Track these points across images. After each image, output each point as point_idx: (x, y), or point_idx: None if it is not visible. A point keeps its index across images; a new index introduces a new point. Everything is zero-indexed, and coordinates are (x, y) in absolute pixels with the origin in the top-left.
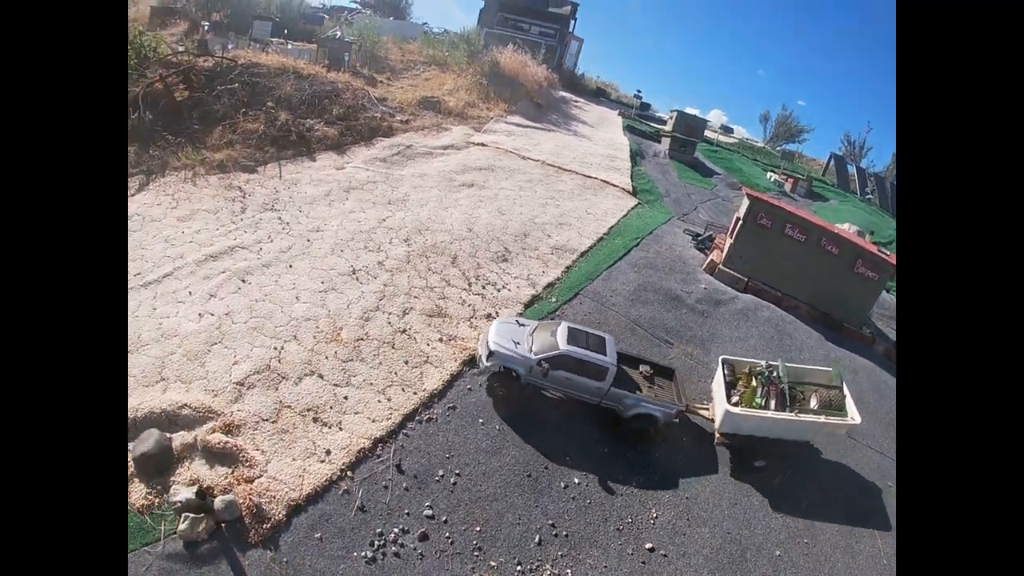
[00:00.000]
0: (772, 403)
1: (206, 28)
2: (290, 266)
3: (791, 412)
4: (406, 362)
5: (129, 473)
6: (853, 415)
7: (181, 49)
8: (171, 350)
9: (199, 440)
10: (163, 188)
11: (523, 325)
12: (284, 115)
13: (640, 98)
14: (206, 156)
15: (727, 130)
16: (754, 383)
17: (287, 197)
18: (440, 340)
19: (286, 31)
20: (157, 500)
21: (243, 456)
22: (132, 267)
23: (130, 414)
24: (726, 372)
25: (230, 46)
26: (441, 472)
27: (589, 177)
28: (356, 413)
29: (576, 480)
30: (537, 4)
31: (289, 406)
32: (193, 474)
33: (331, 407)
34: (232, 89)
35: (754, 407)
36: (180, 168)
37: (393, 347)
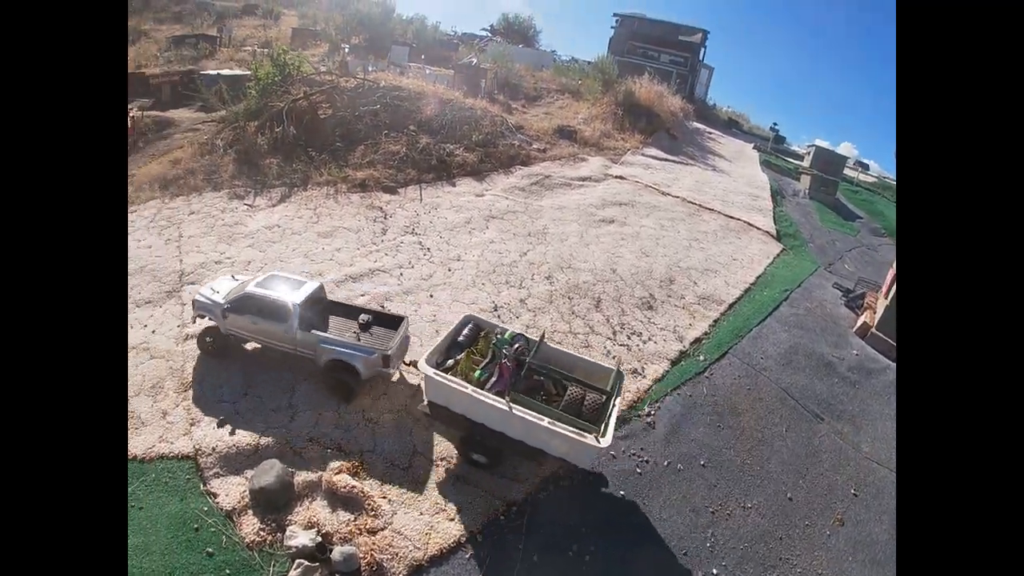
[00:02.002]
0: (493, 381)
1: (346, 50)
2: (431, 296)
3: (503, 400)
4: None
5: (243, 504)
6: (603, 435)
7: (323, 69)
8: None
9: (324, 480)
10: (305, 202)
11: (237, 280)
12: (425, 138)
13: (776, 131)
14: (348, 174)
15: (863, 166)
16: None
17: (428, 222)
18: None
19: (423, 56)
20: (270, 538)
21: (369, 504)
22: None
23: (253, 441)
24: (467, 331)
25: (370, 68)
26: (575, 546)
27: (732, 218)
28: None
29: None
30: (667, 32)
31: (422, 453)
32: (312, 516)
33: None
34: (375, 110)
35: (472, 381)
36: (323, 184)
37: None
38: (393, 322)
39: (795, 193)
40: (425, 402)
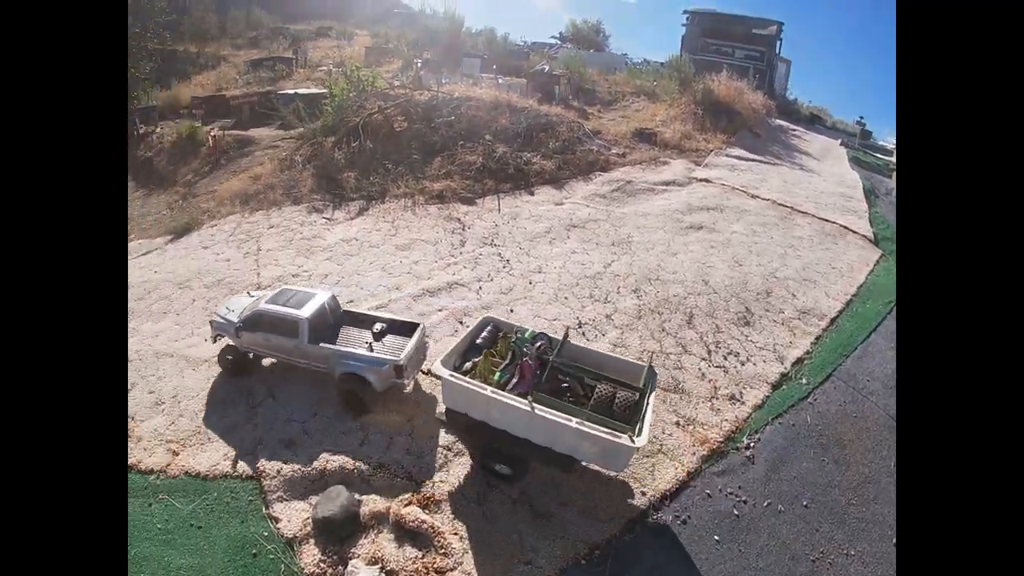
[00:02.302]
0: (514, 382)
1: (419, 65)
2: (511, 311)
3: (525, 401)
4: None
5: (305, 532)
6: (638, 434)
7: (397, 83)
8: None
9: (392, 512)
10: (383, 214)
11: (252, 297)
12: (502, 148)
13: (863, 126)
14: (425, 185)
15: None
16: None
17: (507, 232)
18: (676, 424)
19: (495, 67)
20: (330, 571)
21: (439, 540)
22: (347, 293)
23: (319, 465)
24: (486, 334)
25: (443, 81)
26: None
27: (827, 221)
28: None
29: None
30: (741, 26)
31: (496, 487)
32: (377, 550)
33: (544, 494)
34: (449, 121)
35: (491, 384)
36: (400, 196)
37: None
38: (409, 330)
39: (888, 192)
40: (442, 409)
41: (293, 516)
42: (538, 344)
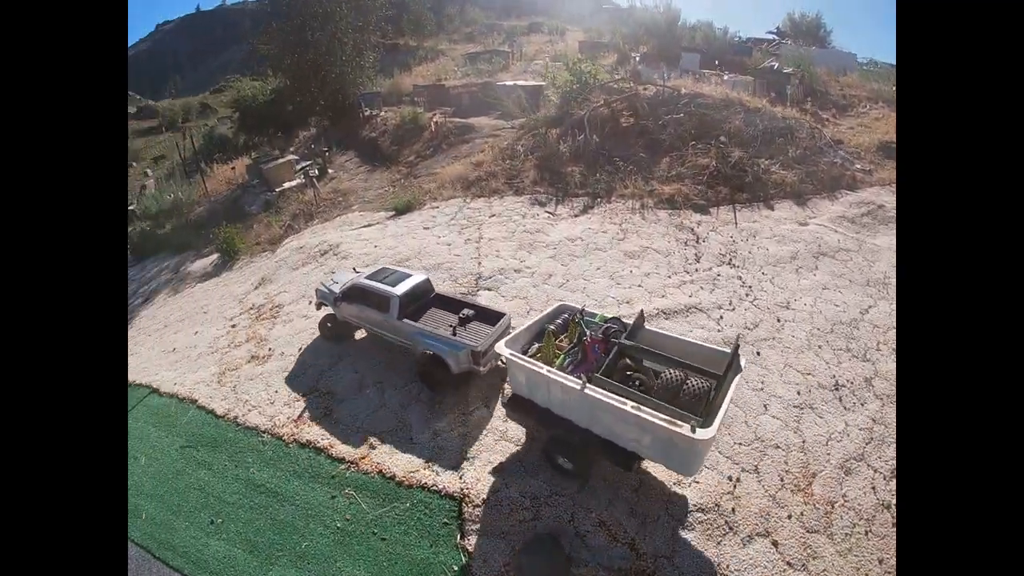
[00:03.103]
0: (575, 365)
1: (636, 59)
2: (758, 353)
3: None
4: (880, 561)
5: None
6: (705, 424)
7: (617, 77)
8: None
9: None
10: (609, 215)
11: (357, 273)
12: (737, 152)
13: None
14: (654, 187)
15: None
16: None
17: (746, 252)
18: None
19: (717, 62)
20: None
21: None
22: (572, 299)
23: (532, 505)
24: (560, 320)
25: (666, 76)
26: None
27: None
28: None
29: None
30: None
31: (737, 572)
32: None
33: None
34: (678, 119)
35: (555, 367)
36: (627, 196)
37: (870, 532)
38: (492, 317)
39: None
40: (507, 395)
41: (490, 556)
42: (608, 327)
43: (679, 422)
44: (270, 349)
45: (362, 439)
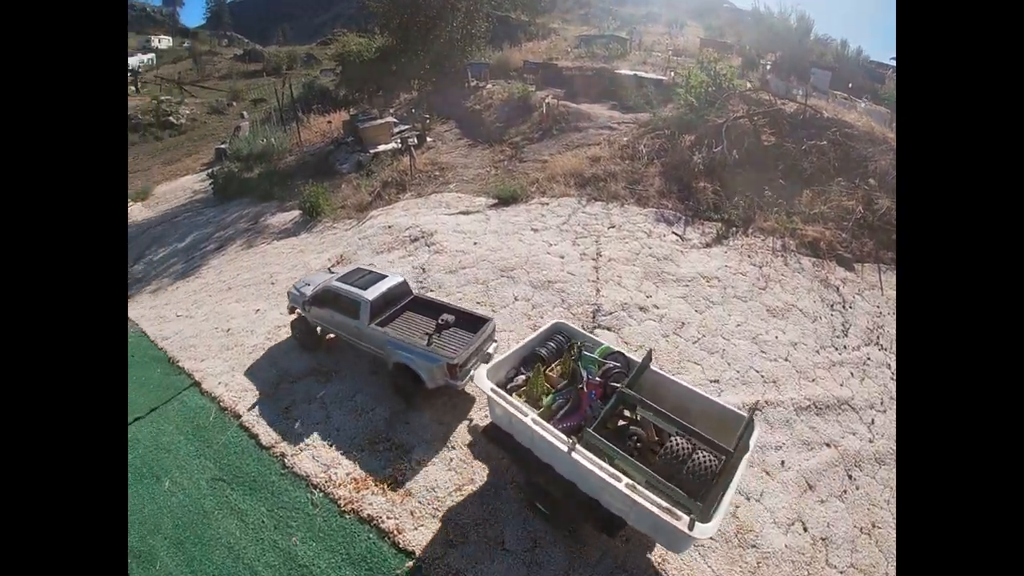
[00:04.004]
0: (564, 410)
1: (767, 67)
2: None
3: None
4: None
5: None
6: (706, 517)
7: (748, 85)
8: None
9: None
10: (747, 251)
11: (333, 272)
12: (885, 200)
13: None
14: (797, 225)
15: None
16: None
17: (893, 330)
18: None
19: (851, 84)
20: None
21: None
22: (710, 362)
23: None
24: (553, 343)
25: (799, 92)
26: None
27: None
28: None
29: None
30: None
31: None
32: None
33: None
34: (821, 146)
35: (542, 407)
36: (767, 231)
37: None
38: (475, 323)
39: None
40: (486, 421)
41: None
42: (608, 366)
43: (678, 512)
44: (337, 363)
45: (440, 529)
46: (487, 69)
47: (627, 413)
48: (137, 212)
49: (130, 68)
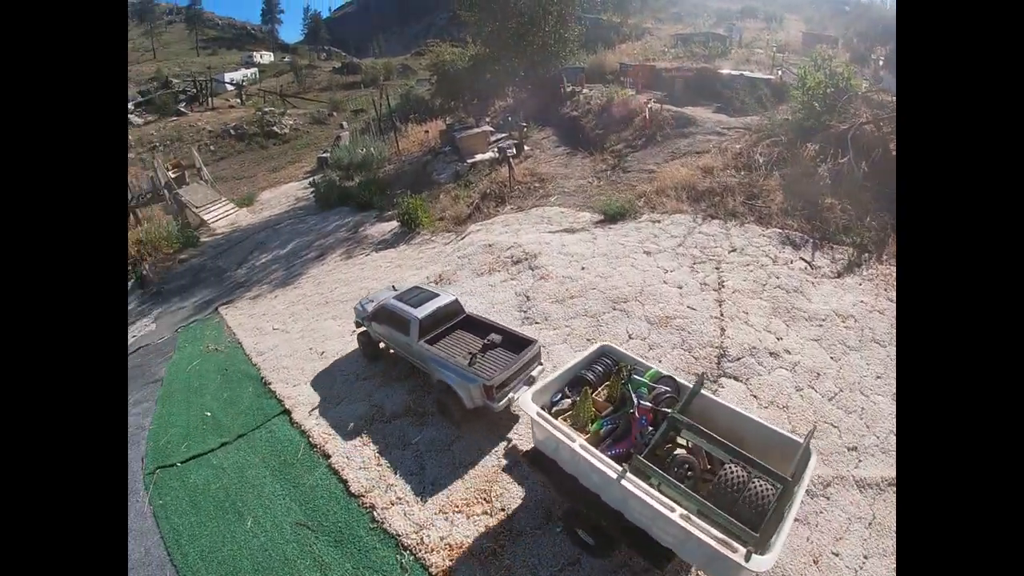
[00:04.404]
0: (614, 434)
1: (879, 63)
2: None
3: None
4: None
5: None
6: (764, 549)
7: (866, 84)
8: None
9: None
10: (883, 283)
11: (396, 289)
12: None
13: None
14: None
15: None
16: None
17: None
18: None
19: None
20: None
21: None
22: (845, 424)
23: None
24: (599, 367)
25: None
26: None
27: None
28: None
29: None
30: None
31: None
32: None
33: None
34: None
35: (588, 432)
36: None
37: None
38: (519, 344)
39: None
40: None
41: None
42: (659, 390)
43: (734, 544)
44: (433, 404)
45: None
46: (582, 73)
47: (679, 440)
48: (242, 217)
49: (235, 81)
